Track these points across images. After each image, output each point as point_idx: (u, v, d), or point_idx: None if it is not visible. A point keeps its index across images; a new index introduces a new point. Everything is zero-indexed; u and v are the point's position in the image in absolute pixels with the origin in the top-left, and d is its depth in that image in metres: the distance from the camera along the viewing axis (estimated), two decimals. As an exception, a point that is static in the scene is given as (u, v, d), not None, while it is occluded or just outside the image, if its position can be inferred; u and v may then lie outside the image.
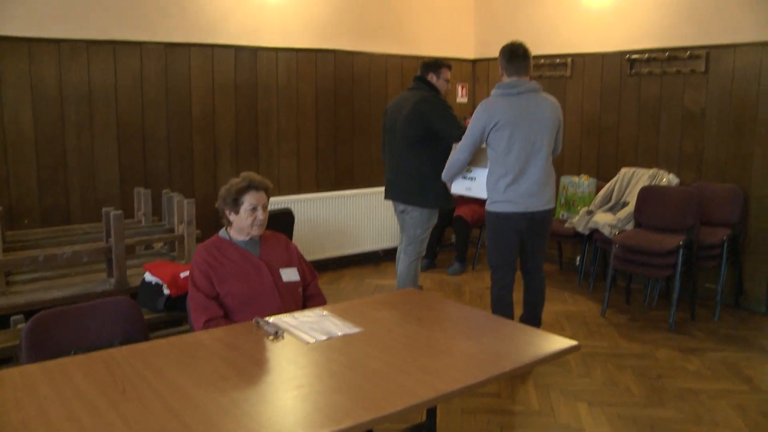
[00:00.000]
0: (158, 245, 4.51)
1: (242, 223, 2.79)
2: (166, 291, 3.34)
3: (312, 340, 2.23)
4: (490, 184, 3.78)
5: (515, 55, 3.69)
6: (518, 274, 3.94)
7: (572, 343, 2.25)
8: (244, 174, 2.88)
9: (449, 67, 4.46)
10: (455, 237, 6.13)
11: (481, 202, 6.24)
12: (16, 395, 1.80)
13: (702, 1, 4.94)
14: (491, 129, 3.67)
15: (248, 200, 2.77)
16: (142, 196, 4.56)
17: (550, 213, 3.83)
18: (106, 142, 4.78)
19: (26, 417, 1.68)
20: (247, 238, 2.81)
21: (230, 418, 1.68)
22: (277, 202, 5.44)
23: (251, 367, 2.04)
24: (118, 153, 4.84)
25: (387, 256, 6.45)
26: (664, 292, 5.15)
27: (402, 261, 4.56)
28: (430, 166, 4.28)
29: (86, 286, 3.63)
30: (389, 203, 6.33)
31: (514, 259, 3.86)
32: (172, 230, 4.23)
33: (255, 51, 5.40)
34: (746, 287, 4.93)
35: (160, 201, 4.64)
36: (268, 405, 1.78)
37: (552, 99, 3.79)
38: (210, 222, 5.19)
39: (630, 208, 5.02)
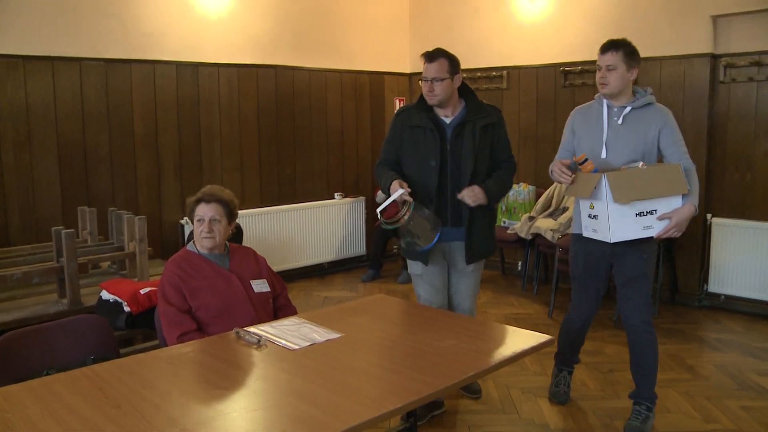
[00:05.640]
0: (105, 264, 4.40)
1: (195, 235, 2.80)
2: (127, 308, 3.27)
3: (296, 347, 2.25)
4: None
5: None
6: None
7: (547, 337, 2.36)
8: (204, 187, 2.91)
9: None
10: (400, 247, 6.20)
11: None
12: (4, 416, 1.75)
13: (629, 17, 5.24)
14: None
15: (197, 212, 2.80)
16: (87, 214, 4.44)
17: None
18: (46, 160, 4.63)
19: (22, 436, 1.64)
20: (206, 250, 2.80)
21: (237, 425, 1.68)
22: (223, 217, 5.39)
23: (242, 376, 2.04)
24: (59, 171, 4.69)
25: (332, 268, 6.48)
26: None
27: None
28: None
29: (38, 308, 3.52)
30: (333, 216, 6.41)
31: None
32: (121, 248, 4.14)
33: (196, 67, 5.35)
34: (680, 284, 5.23)
35: (104, 219, 4.53)
36: (270, 411, 1.78)
37: None
38: (156, 239, 5.10)
39: (570, 213, 5.23)
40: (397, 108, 6.98)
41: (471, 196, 3.09)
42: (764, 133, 4.81)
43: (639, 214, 2.92)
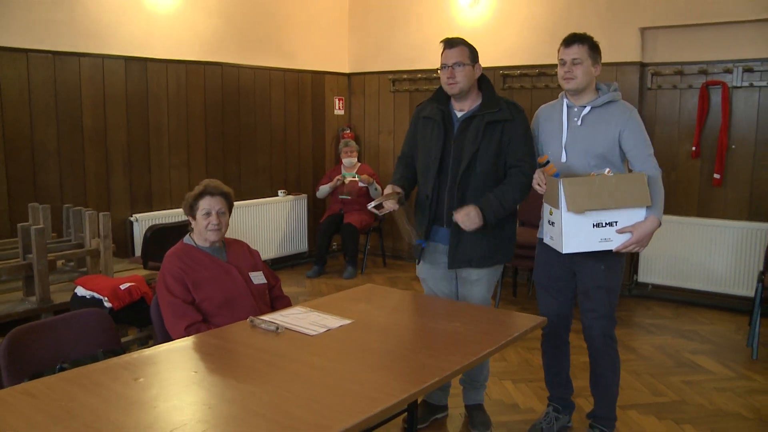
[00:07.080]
0: (60, 263, 4.29)
1: (199, 228, 2.86)
2: (108, 304, 3.25)
3: (313, 333, 2.36)
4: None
5: None
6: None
7: (541, 318, 2.58)
8: (204, 181, 2.96)
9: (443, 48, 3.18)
10: (345, 243, 6.34)
11: (366, 210, 6.56)
12: (61, 404, 1.77)
13: (564, 25, 5.59)
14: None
15: (202, 205, 2.86)
16: (39, 211, 4.30)
17: None
18: (-8, 155, 4.46)
19: (89, 421, 1.67)
20: (207, 243, 2.87)
21: (297, 404, 1.76)
22: (170, 215, 5.36)
23: (277, 360, 2.11)
24: (5, 166, 4.52)
25: (274, 264, 6.52)
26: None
27: None
28: None
29: (4, 307, 3.41)
30: (276, 213, 6.46)
31: None
32: (80, 245, 4.06)
33: (145, 62, 5.28)
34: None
35: (55, 216, 4.41)
36: (321, 390, 1.85)
37: None
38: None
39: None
40: (337, 107, 7.14)
41: (465, 220, 2.82)
42: (686, 136, 5.29)
43: (596, 225, 2.74)
